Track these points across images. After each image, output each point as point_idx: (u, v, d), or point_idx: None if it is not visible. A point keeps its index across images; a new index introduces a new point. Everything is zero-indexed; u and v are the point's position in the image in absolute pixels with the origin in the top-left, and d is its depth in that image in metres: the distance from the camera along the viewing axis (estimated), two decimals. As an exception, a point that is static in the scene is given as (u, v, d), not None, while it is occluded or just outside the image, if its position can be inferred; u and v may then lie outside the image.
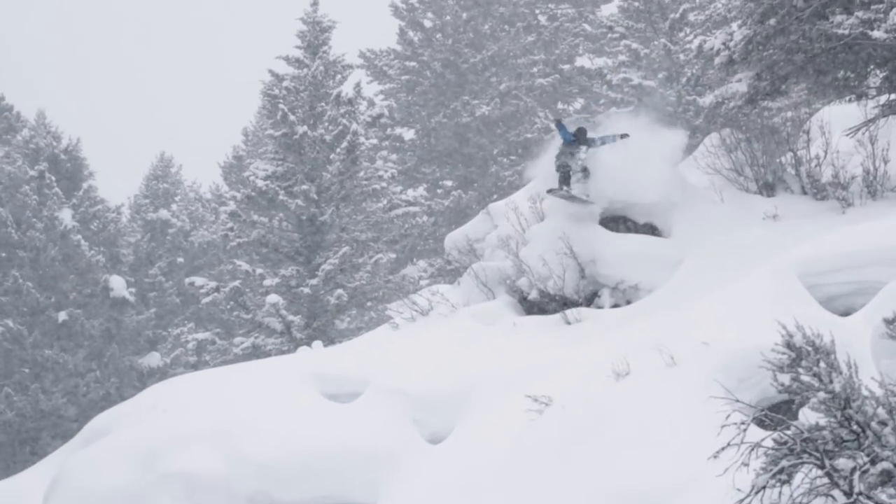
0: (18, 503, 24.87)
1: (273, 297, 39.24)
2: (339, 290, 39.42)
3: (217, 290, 41.56)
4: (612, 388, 20.45)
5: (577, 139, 26.66)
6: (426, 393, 23.56)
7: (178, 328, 54.16)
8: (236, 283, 41.24)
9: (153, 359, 52.26)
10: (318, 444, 22.15)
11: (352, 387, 24.13)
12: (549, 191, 26.45)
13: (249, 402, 23.42)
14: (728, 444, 10.63)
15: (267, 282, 40.59)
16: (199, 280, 43.68)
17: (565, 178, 26.33)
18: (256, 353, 39.59)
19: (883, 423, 10.79)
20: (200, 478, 21.37)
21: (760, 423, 12.07)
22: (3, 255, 48.56)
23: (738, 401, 11.24)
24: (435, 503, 20.58)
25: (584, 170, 26.74)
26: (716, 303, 21.41)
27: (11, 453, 45.36)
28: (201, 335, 49.79)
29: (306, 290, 39.76)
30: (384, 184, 43.07)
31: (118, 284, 50.95)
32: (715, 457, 10.75)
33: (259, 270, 41.21)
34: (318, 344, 31.17)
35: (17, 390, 46.24)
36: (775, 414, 11.41)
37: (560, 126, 27.01)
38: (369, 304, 40.97)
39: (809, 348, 11.43)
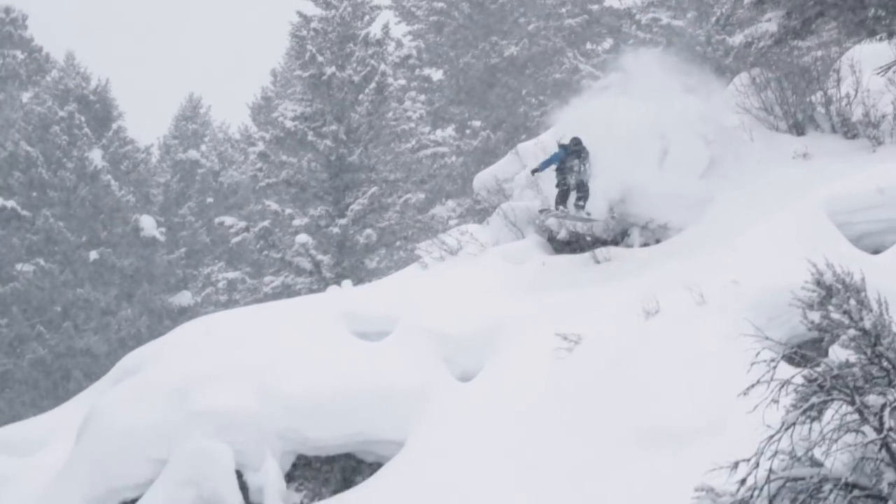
0: (52, 439, 25.10)
1: (302, 237, 39.36)
2: (368, 230, 39.50)
3: (247, 229, 41.70)
4: (642, 327, 20.50)
5: (570, 151, 25.29)
6: (455, 331, 23.65)
7: (208, 267, 54.38)
8: (265, 222, 41.36)
9: (184, 298, 52.53)
10: (349, 383, 22.27)
11: (381, 325, 24.22)
12: (541, 211, 25.67)
13: (280, 340, 23.54)
14: (758, 382, 10.66)
15: (296, 222, 40.69)
16: (228, 220, 43.87)
17: (562, 196, 25.18)
18: (286, 292, 39.77)
19: (913, 360, 10.83)
20: (231, 415, 21.50)
21: (790, 361, 12.09)
22: (35, 195, 48.76)
23: (767, 338, 11.26)
24: (465, 440, 20.71)
25: (582, 185, 25.24)
26: (745, 241, 21.42)
27: (44, 391, 45.76)
28: (231, 274, 50.05)
29: (335, 229, 39.85)
30: (412, 124, 43.06)
31: (148, 224, 51.16)
32: (745, 394, 10.78)
33: (288, 210, 41.31)
34: (347, 283, 31.28)
35: (50, 329, 46.60)
36: (805, 351, 11.42)
37: (559, 147, 25.74)
38: (398, 243, 41.06)
39: (839, 286, 11.44)
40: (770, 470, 10.17)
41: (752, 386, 10.60)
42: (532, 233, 27.46)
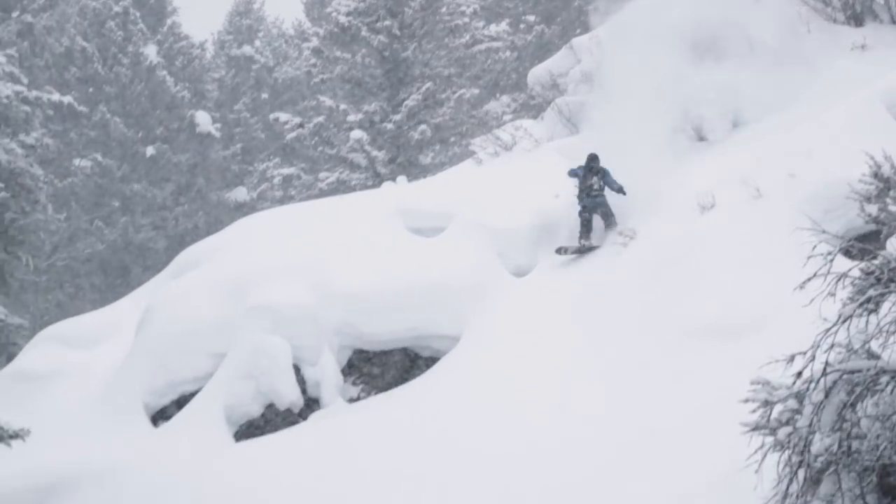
0: (111, 333, 25.40)
1: (357, 133, 39.30)
2: (423, 126, 39.38)
3: (301, 125, 41.67)
4: (697, 221, 20.46)
5: (588, 169, 23.61)
6: (510, 227, 23.65)
7: (263, 163, 54.46)
8: (320, 118, 41.31)
9: (240, 193, 52.75)
10: (404, 278, 22.37)
11: (436, 221, 24.26)
12: (558, 250, 23.37)
13: (336, 236, 23.65)
14: (814, 275, 10.61)
15: (350, 117, 40.61)
16: (283, 116, 43.81)
17: (586, 230, 23.39)
18: (341, 188, 39.83)
19: (972, 254, 10.75)
20: (288, 310, 21.68)
21: (847, 254, 12.03)
22: (91, 90, 48.89)
23: (824, 232, 11.19)
24: (519, 335, 20.82)
25: (604, 210, 23.44)
26: (802, 135, 21.22)
27: (103, 285, 46.26)
28: (286, 170, 50.10)
29: (390, 125, 39.77)
30: (466, 19, 42.64)
31: (204, 120, 51.25)
32: (801, 288, 10.73)
33: (342, 106, 41.21)
34: (402, 179, 31.31)
35: (108, 224, 47.00)
36: (862, 244, 11.33)
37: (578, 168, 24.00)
38: (453, 139, 40.90)
39: (898, 179, 11.36)
40: (826, 363, 10.16)
41: (809, 279, 10.55)
42: (586, 128, 27.28)
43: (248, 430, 21.02)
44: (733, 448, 10.49)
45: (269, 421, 21.04)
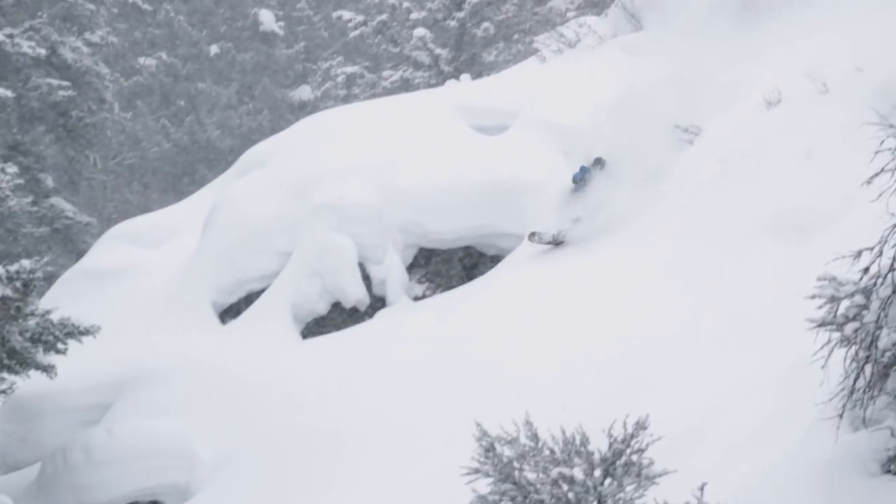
0: (178, 231, 25.61)
1: (420, 31, 39.13)
2: (486, 23, 39.12)
3: (364, 23, 41.52)
4: (764, 117, 20.26)
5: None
6: (574, 124, 23.46)
7: (326, 62, 54.31)
8: (383, 16, 41.13)
9: (303, 92, 52.73)
10: (468, 176, 22.38)
11: (500, 119, 24.18)
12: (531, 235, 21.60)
13: (400, 134, 23.65)
14: (882, 170, 10.50)
15: (413, 15, 40.39)
16: (346, 13, 43.65)
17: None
18: (405, 86, 39.74)
19: None
20: (353, 209, 21.78)
21: (916, 149, 11.89)
22: (154, -11, 49.05)
23: (892, 126, 11.07)
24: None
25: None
26: (869, 26, 20.84)
27: (170, 184, 46.62)
28: (350, 69, 49.97)
29: (453, 23, 39.54)
30: (530, -87, 42.17)
31: (267, 18, 51.16)
32: (868, 183, 10.63)
33: (405, 4, 40.98)
34: (465, 77, 31.19)
35: (174, 122, 47.27)
36: (932, 140, 11.17)
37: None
38: (516, 37, 40.58)
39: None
40: (894, 258, 10.11)
41: (877, 174, 10.43)
42: (652, 23, 26.96)
43: (315, 327, 21.24)
44: (802, 343, 10.47)
45: (335, 319, 21.26)
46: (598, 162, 21.76)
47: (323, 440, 17.88)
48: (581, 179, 21.57)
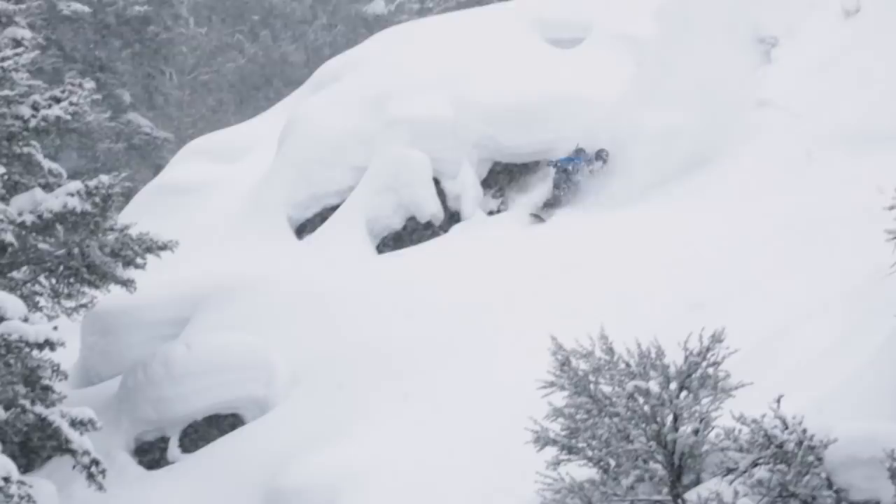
0: (254, 147, 25.67)
1: (494, -57, 38.79)
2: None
3: (438, -64, 41.23)
4: (842, 27, 20.01)
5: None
6: (648, 36, 23.12)
7: (400, -25, 53.99)
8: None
9: (377, 6, 52.39)
10: (542, 90, 22.26)
11: (574, 31, 23.99)
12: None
13: (473, 49, 23.51)
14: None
15: (488, -73, 40.03)
16: (420, -74, 43.35)
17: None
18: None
19: None
20: (428, 124, 21.76)
21: None
22: None
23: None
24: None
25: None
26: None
27: (245, 99, 46.63)
28: (424, -18, 49.66)
29: (527, -66, 39.15)
30: None
31: (341, -69, 50.85)
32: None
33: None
34: (539, -11, 30.85)
35: (249, 38, 47.20)
36: None
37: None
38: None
39: None
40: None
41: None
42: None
43: (390, 242, 21.31)
44: (878, 254, 10.39)
45: (410, 233, 21.32)
46: (600, 155, 21.50)
47: (400, 355, 18.01)
48: (561, 168, 21.30)
